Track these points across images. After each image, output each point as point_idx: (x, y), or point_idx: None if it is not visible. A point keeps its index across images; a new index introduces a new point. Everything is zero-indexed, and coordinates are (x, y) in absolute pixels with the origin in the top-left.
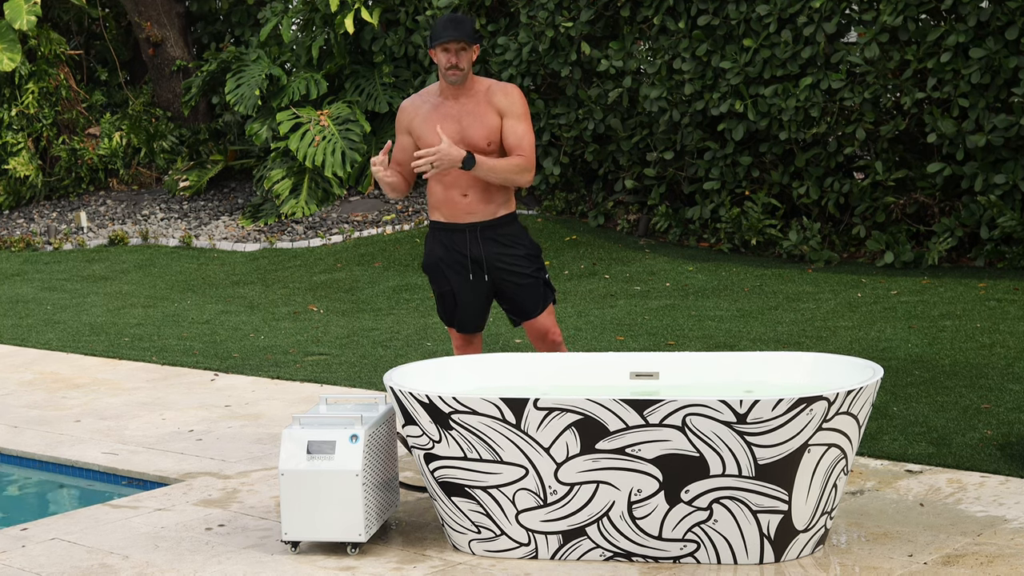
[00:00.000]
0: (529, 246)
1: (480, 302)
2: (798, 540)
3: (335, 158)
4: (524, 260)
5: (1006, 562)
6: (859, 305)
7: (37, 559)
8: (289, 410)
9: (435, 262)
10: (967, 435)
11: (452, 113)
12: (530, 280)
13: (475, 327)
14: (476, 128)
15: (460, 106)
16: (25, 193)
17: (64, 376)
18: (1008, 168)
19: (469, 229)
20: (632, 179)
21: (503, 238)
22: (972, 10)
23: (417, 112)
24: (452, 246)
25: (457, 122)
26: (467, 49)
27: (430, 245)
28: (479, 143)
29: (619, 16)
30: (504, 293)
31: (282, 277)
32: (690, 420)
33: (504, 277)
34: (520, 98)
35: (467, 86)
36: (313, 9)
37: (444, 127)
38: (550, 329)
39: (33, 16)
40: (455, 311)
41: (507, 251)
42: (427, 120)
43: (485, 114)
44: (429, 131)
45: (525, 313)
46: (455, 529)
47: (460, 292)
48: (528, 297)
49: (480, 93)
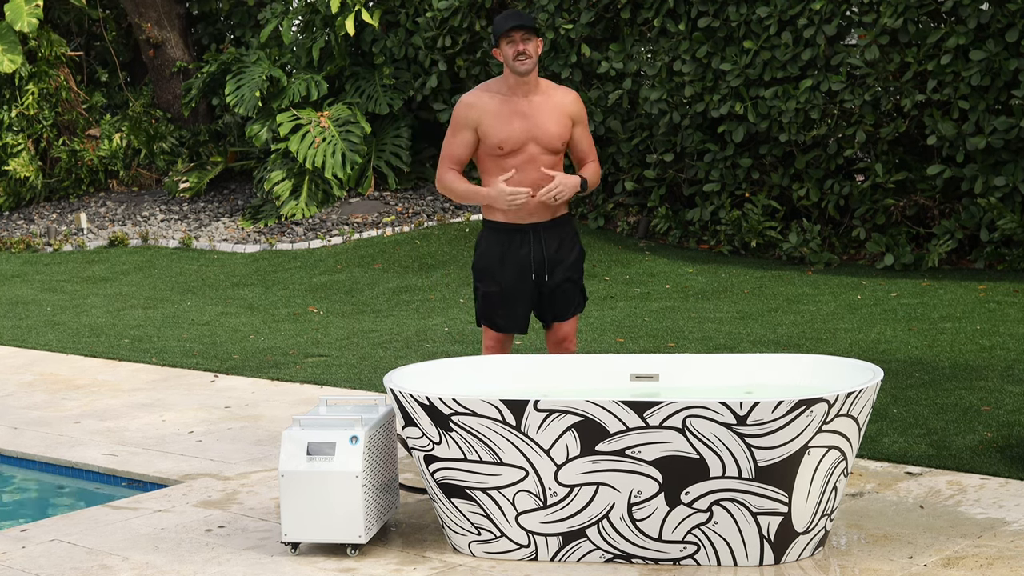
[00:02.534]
0: (580, 249)
1: (529, 303)
2: (798, 542)
3: (335, 160)
4: (575, 263)
5: (1006, 564)
6: (859, 307)
7: (37, 560)
8: (289, 411)
9: (492, 262)
10: (967, 437)
11: (523, 110)
12: (572, 284)
13: (521, 328)
14: (549, 128)
15: (532, 104)
16: (25, 194)
17: (64, 377)
18: (1008, 170)
19: (532, 229)
20: (632, 181)
21: (564, 238)
22: (972, 12)
23: (486, 108)
24: (512, 247)
25: (530, 120)
26: (532, 38)
27: (487, 245)
28: (554, 142)
29: (619, 18)
30: (549, 294)
31: (282, 279)
32: (690, 422)
33: (562, 277)
34: (583, 106)
35: (534, 83)
36: (313, 11)
37: (517, 124)
38: (570, 335)
39: (34, 18)
40: (499, 311)
41: (567, 251)
42: (499, 116)
43: (558, 116)
44: (504, 128)
45: (558, 316)
46: (455, 531)
47: (513, 293)
48: (570, 300)
49: (548, 93)
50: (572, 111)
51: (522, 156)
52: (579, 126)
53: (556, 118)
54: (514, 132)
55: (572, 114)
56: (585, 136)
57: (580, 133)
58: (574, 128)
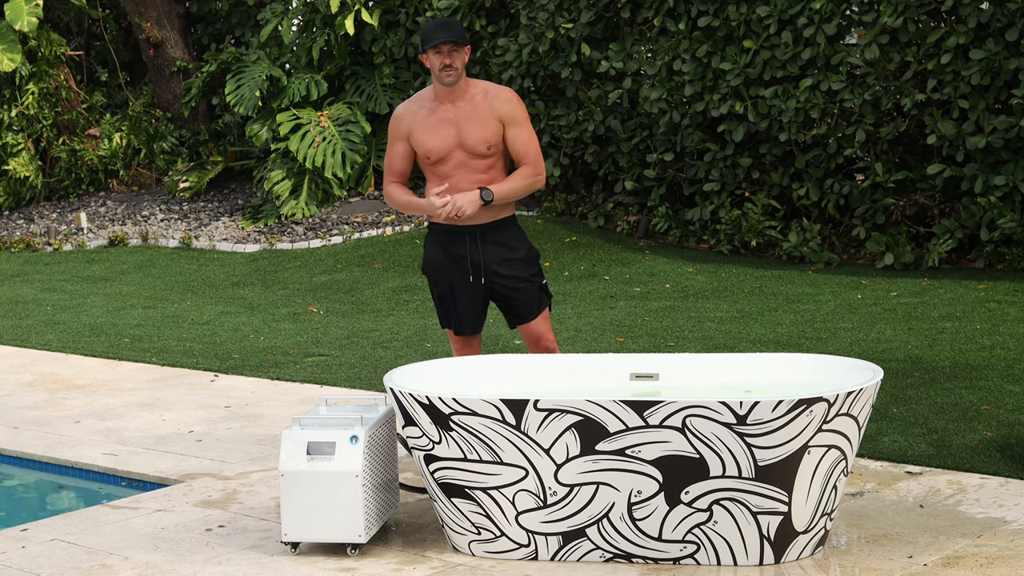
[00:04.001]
0: (528, 250)
1: (477, 304)
2: (798, 541)
3: (335, 159)
4: (522, 264)
5: (1006, 563)
6: (859, 307)
7: (37, 560)
8: (289, 411)
9: (435, 265)
10: (967, 436)
11: (450, 118)
12: (526, 284)
13: (472, 329)
14: (475, 133)
15: (458, 110)
16: (25, 194)
17: (64, 377)
18: (1008, 170)
19: (469, 232)
20: (632, 180)
21: (503, 241)
22: (972, 11)
23: (415, 118)
24: (452, 248)
25: (456, 127)
26: (459, 50)
27: (430, 247)
28: (479, 147)
29: (619, 17)
30: (500, 296)
31: (282, 278)
32: (690, 421)
33: (501, 280)
34: (519, 103)
35: (463, 89)
36: (313, 10)
37: (442, 132)
38: (543, 335)
39: (34, 18)
40: (453, 313)
41: (506, 254)
42: (426, 126)
43: (485, 119)
44: (429, 138)
45: (520, 317)
46: (455, 530)
47: (458, 294)
48: (524, 301)
49: (477, 97)
50: (502, 112)
51: (451, 163)
52: (512, 127)
53: (482, 123)
54: (440, 140)
55: (502, 115)
56: (520, 137)
57: (513, 134)
58: (507, 129)
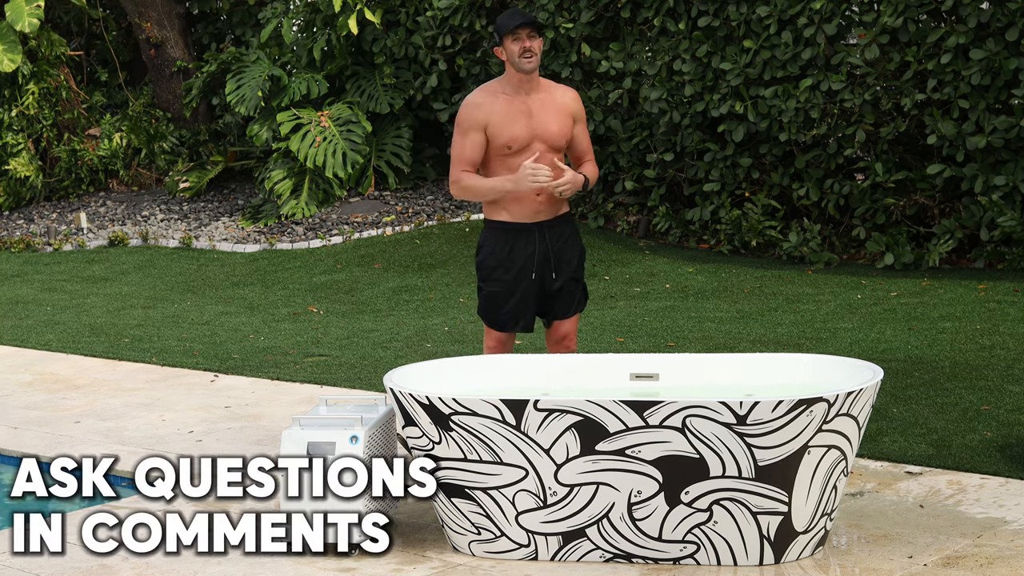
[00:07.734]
0: (582, 247)
1: (532, 301)
2: (798, 541)
3: (336, 159)
4: (580, 261)
5: (1006, 564)
6: (859, 307)
7: (37, 559)
8: (289, 411)
9: (497, 262)
10: (967, 437)
11: (528, 109)
12: (575, 282)
13: (527, 326)
14: (551, 125)
15: (533, 102)
16: (25, 194)
17: (64, 377)
18: (1008, 170)
19: (537, 228)
20: (632, 180)
21: (567, 236)
22: (972, 11)
23: (493, 108)
24: (519, 246)
25: (535, 118)
26: (537, 37)
27: (492, 245)
28: (557, 140)
29: (619, 17)
30: (555, 292)
31: (282, 278)
32: (690, 421)
33: (565, 275)
34: (582, 104)
35: (536, 81)
36: (314, 10)
37: (522, 122)
38: (570, 334)
39: (35, 18)
40: (503, 310)
41: (570, 249)
42: (505, 116)
43: (559, 113)
44: (511, 127)
45: (560, 314)
46: (455, 530)
47: (518, 291)
48: (571, 298)
49: (548, 91)
50: (573, 109)
51: (528, 154)
52: (579, 124)
53: (559, 116)
54: (521, 131)
55: (573, 112)
56: (584, 135)
57: (580, 131)
58: (574, 126)
